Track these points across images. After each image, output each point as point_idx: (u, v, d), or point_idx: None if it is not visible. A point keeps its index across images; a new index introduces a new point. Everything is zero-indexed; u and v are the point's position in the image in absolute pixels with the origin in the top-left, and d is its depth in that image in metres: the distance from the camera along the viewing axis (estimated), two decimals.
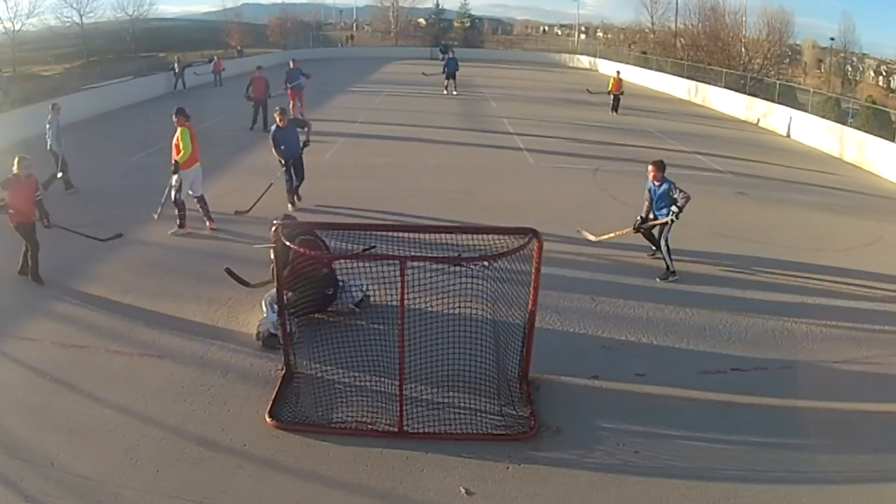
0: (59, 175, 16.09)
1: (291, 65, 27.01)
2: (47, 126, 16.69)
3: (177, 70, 37.83)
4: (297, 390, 8.06)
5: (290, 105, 25.51)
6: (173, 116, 13.42)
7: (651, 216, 12.16)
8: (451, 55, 37.44)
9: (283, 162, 14.91)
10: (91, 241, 11.91)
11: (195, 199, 13.59)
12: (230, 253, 12.03)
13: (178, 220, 13.39)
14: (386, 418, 7.56)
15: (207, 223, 13.63)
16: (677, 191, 11.62)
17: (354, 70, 48.48)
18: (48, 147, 16.37)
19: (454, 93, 36.07)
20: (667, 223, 11.79)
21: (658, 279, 11.75)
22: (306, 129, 15.33)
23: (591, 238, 12.99)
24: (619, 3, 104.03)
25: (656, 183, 11.89)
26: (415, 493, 6.62)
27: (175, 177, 13.31)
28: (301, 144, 15.10)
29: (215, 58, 42.58)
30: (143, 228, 13.38)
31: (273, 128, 14.98)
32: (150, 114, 28.42)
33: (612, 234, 12.75)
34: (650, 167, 11.93)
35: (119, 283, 10.99)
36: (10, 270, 11.22)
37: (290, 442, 7.26)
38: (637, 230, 12.32)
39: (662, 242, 11.90)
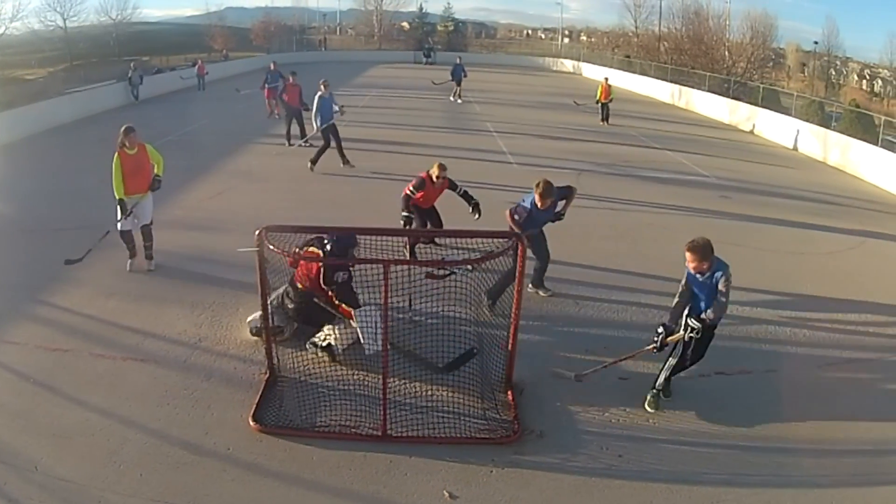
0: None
1: (272, 67, 28.95)
2: (316, 100, 18.91)
3: (132, 78, 34.43)
4: (281, 394, 8.04)
5: (268, 103, 28.47)
6: (128, 138, 11.17)
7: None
8: (457, 62, 36.94)
9: None
10: (73, 242, 11.93)
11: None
12: (214, 256, 12.00)
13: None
14: (370, 422, 7.55)
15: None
16: (726, 288, 7.87)
17: (338, 74, 48.38)
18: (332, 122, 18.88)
19: (459, 101, 35.61)
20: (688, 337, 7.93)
21: (647, 406, 8.28)
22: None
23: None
24: (603, 7, 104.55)
25: (700, 276, 8.01)
26: (398, 497, 6.62)
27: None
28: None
29: (199, 61, 42.47)
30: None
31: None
32: (134, 118, 28.32)
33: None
34: (689, 256, 7.96)
35: (102, 287, 10.94)
36: None
37: (274, 445, 7.24)
38: (661, 348, 8.03)
39: (671, 359, 8.19)
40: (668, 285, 11.28)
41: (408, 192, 11.95)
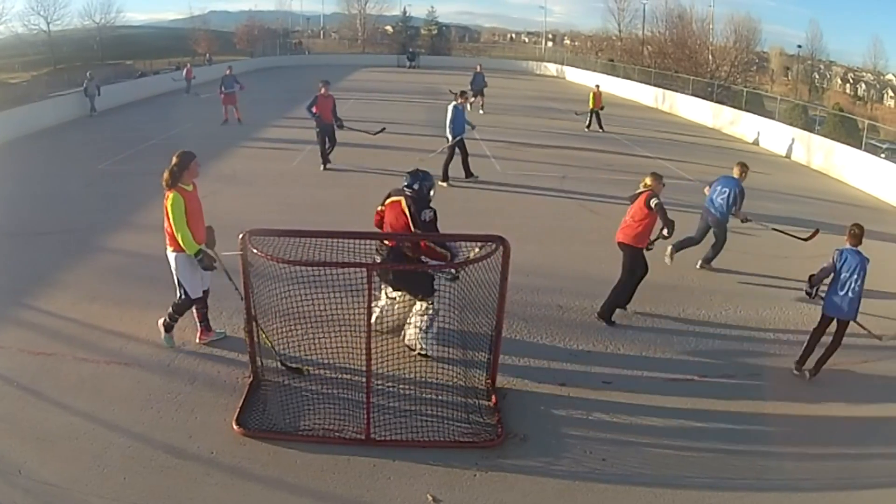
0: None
1: (228, 72, 28.58)
2: (450, 110, 18.39)
3: (88, 89, 30.25)
4: (265, 398, 8.03)
5: (224, 109, 27.85)
6: (189, 170, 8.83)
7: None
8: (478, 69, 35.32)
9: None
10: (57, 246, 11.86)
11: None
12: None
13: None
14: (353, 426, 7.56)
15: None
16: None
17: (322, 77, 48.31)
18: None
19: (480, 111, 33.31)
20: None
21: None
22: None
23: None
24: (587, 11, 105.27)
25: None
26: (382, 501, 6.63)
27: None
28: None
29: (188, 65, 42.55)
30: (110, 236, 13.30)
31: None
32: (121, 122, 28.33)
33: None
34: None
35: (86, 291, 10.90)
36: None
37: (258, 449, 7.24)
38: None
39: None
40: (652, 288, 11.36)
41: None
